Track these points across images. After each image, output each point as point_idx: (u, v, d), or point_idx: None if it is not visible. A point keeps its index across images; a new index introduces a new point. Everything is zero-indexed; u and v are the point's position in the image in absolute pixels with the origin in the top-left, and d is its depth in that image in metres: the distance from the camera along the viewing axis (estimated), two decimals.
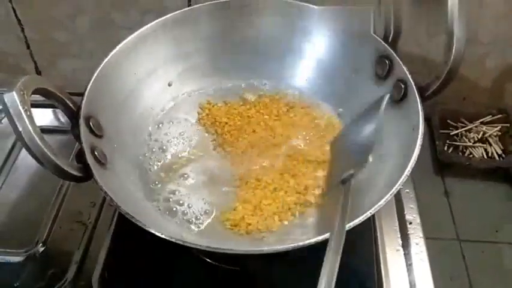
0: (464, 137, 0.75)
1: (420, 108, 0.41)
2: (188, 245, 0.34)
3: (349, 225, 0.35)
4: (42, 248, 0.49)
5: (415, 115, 0.42)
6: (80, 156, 0.39)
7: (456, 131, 0.75)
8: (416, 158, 0.38)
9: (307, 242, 0.34)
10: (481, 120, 0.75)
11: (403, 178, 0.37)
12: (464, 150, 0.74)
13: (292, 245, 0.34)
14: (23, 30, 0.67)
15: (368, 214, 0.36)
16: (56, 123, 0.64)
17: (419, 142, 0.39)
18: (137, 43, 0.49)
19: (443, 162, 0.71)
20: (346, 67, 0.52)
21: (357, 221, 0.35)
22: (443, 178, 0.72)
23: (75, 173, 0.37)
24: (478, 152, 0.73)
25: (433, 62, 0.69)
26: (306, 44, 0.54)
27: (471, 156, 0.73)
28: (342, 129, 0.51)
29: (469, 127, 0.75)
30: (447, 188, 0.71)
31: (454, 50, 0.40)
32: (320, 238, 0.35)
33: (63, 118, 0.65)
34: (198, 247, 0.34)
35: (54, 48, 0.69)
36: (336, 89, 0.53)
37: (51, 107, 0.65)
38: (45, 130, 0.60)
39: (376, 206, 0.36)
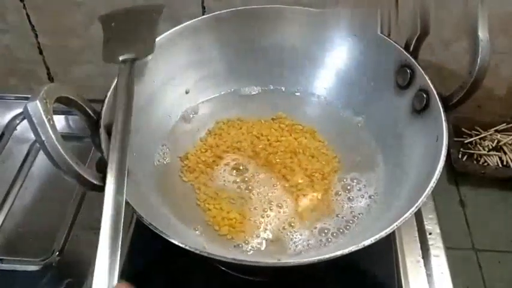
0: (478, 145, 0.74)
1: (444, 119, 0.41)
2: (212, 256, 0.34)
3: (375, 238, 0.34)
4: (59, 257, 0.49)
5: (439, 126, 0.41)
6: (101, 166, 0.39)
7: (470, 139, 0.75)
8: (441, 169, 0.38)
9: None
10: (496, 128, 0.75)
11: (429, 190, 0.37)
12: (479, 159, 0.73)
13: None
14: (36, 36, 0.67)
15: (394, 226, 0.35)
16: (67, 130, 0.64)
17: (443, 153, 0.39)
18: (155, 52, 0.48)
19: (458, 171, 0.71)
20: (365, 76, 0.51)
21: (383, 234, 0.35)
22: (458, 187, 0.71)
23: (96, 182, 0.37)
24: (493, 160, 0.73)
25: (448, 70, 0.68)
26: (324, 52, 0.53)
27: (486, 164, 0.72)
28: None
29: (483, 135, 0.75)
30: (462, 197, 0.70)
31: (479, 60, 0.40)
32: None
33: (75, 125, 0.64)
34: (223, 259, 0.34)
35: (67, 55, 0.70)
36: (355, 99, 0.52)
37: (64, 114, 0.65)
38: None
39: (401, 218, 0.35)
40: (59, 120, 0.64)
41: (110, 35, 0.48)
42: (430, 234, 0.49)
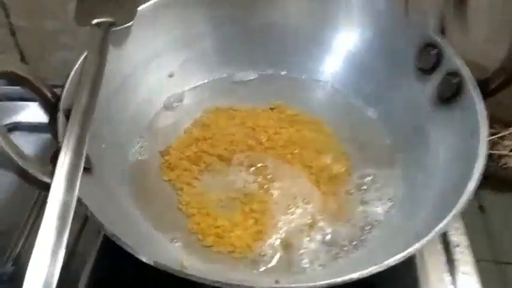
0: (497, 145, 0.69)
1: (482, 108, 0.35)
2: (189, 278, 0.27)
3: (403, 256, 0.28)
4: (12, 268, 0.42)
5: (474, 117, 0.35)
6: (56, 159, 0.32)
7: (489, 138, 0.70)
8: (481, 171, 0.32)
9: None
10: None
11: (466, 197, 0.30)
12: (498, 161, 0.68)
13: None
14: (7, 15, 0.62)
15: (424, 242, 0.29)
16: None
17: (483, 151, 0.33)
18: (134, 26, 0.43)
19: None
20: (380, 59, 0.45)
21: (411, 250, 0.28)
22: (477, 191, 0.66)
23: (46, 179, 0.30)
24: None
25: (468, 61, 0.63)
26: (332, 32, 0.48)
27: (506, 166, 0.67)
28: None
29: (503, 134, 0.70)
30: (481, 202, 0.65)
31: None
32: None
33: None
34: (203, 281, 0.26)
35: (44, 38, 0.64)
36: (368, 86, 0.46)
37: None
38: (28, 127, 0.53)
39: (435, 230, 0.29)
40: (34, 107, 0.58)
41: None
42: (457, 246, 0.42)
